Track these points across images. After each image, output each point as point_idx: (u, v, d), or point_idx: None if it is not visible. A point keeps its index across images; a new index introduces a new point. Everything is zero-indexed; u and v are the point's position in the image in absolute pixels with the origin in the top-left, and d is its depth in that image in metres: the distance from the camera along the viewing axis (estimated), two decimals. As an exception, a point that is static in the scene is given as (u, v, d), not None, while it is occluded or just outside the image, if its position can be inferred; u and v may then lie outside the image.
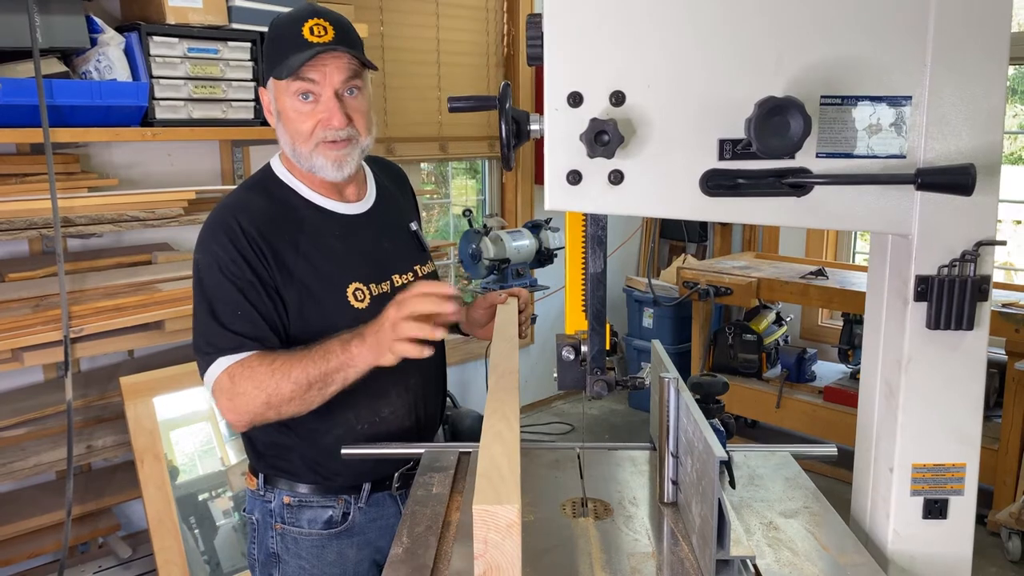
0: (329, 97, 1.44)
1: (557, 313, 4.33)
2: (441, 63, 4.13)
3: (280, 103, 1.47)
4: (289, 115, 1.46)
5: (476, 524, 0.89)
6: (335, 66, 1.44)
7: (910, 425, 1.14)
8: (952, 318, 1.08)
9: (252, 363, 1.39)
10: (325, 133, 1.45)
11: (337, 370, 1.37)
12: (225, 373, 1.40)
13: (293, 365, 1.37)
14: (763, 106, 0.97)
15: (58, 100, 2.30)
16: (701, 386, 1.42)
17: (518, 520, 0.89)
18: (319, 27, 1.43)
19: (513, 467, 0.97)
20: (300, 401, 1.38)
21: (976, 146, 1.05)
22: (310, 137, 1.46)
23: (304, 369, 1.36)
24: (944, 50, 1.03)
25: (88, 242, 2.69)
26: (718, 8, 1.02)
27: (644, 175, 1.05)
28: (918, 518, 1.17)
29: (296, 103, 1.45)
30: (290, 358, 1.38)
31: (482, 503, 0.89)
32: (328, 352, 1.38)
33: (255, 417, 1.41)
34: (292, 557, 1.55)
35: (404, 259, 1.63)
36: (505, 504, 0.89)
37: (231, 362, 1.40)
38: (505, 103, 1.06)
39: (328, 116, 1.44)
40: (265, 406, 1.38)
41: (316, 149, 1.46)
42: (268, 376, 1.37)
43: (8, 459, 2.41)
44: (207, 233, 1.47)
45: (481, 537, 0.89)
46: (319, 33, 1.42)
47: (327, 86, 1.44)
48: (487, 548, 0.89)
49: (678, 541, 1.20)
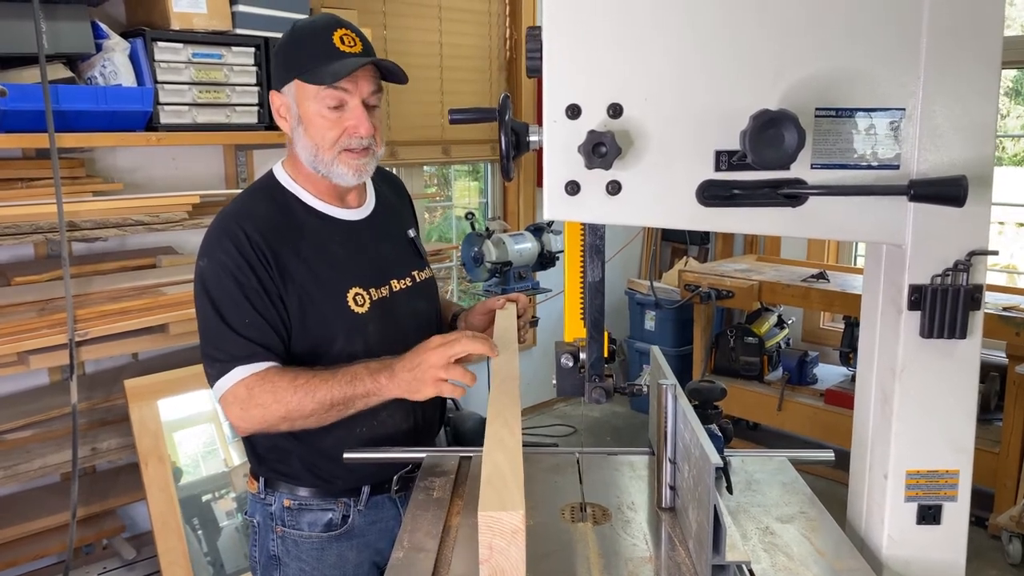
0: (357, 106, 1.47)
1: (559, 316, 4.33)
2: (444, 67, 4.14)
3: (304, 108, 1.49)
4: (315, 121, 1.48)
5: (481, 530, 0.91)
6: (366, 77, 1.47)
7: (904, 432, 1.16)
8: (945, 327, 1.10)
9: (272, 377, 1.42)
10: (350, 141, 1.48)
11: (363, 396, 1.42)
12: (242, 384, 1.42)
13: (318, 386, 1.40)
14: (758, 119, 0.98)
15: (64, 105, 2.32)
16: (699, 392, 1.43)
17: (523, 526, 0.90)
18: (348, 38, 1.46)
19: (516, 473, 0.99)
20: (318, 419, 1.43)
21: (968, 157, 1.07)
22: (334, 144, 1.48)
23: (330, 391, 1.40)
24: (937, 63, 1.05)
25: (93, 246, 2.71)
26: (714, 22, 1.04)
27: (641, 186, 1.06)
28: (912, 524, 1.18)
29: (324, 110, 1.47)
30: (314, 377, 1.41)
31: (487, 509, 0.91)
32: (355, 378, 1.41)
33: (266, 428, 1.45)
34: (293, 560, 1.57)
35: (403, 264, 1.65)
36: (510, 510, 0.91)
37: (248, 373, 1.42)
38: (505, 115, 1.07)
39: (356, 124, 1.47)
40: (281, 419, 1.42)
41: (338, 157, 1.49)
42: (291, 392, 1.40)
43: (14, 461, 2.43)
44: (212, 240, 1.48)
45: (486, 543, 0.91)
46: (349, 44, 1.46)
47: (356, 95, 1.47)
48: (492, 554, 0.91)
49: (675, 546, 1.22)
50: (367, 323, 1.52)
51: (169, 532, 2.58)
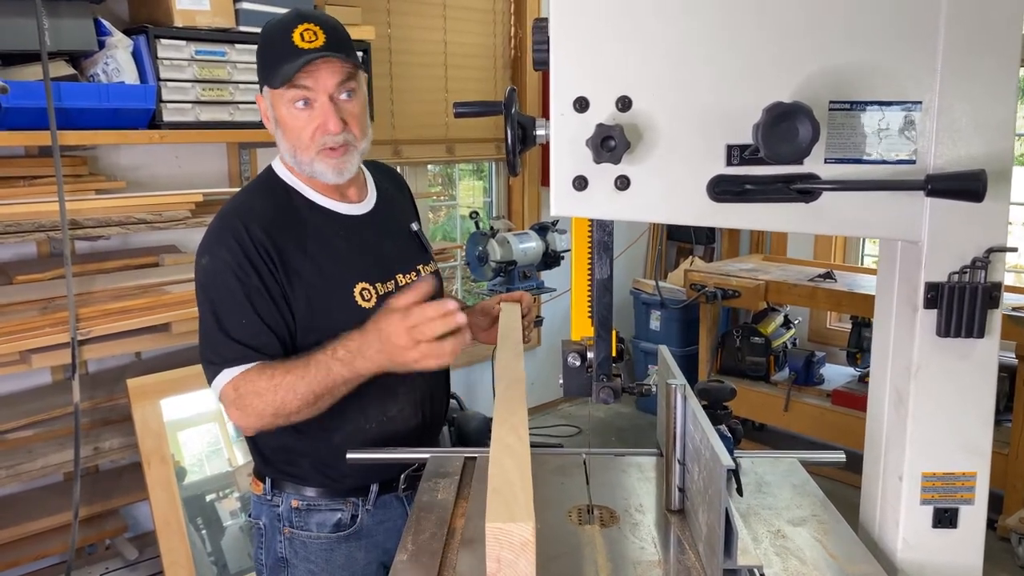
0: (324, 102, 1.44)
1: (564, 315, 4.31)
2: (448, 65, 4.13)
3: (277, 111, 1.47)
4: (287, 123, 1.46)
5: (489, 542, 0.86)
6: (328, 71, 1.43)
7: (920, 434, 1.13)
8: (963, 326, 1.07)
9: (253, 377, 1.40)
10: (324, 139, 1.45)
11: (342, 384, 1.39)
12: (230, 385, 1.41)
13: (295, 382, 1.38)
14: (771, 112, 0.96)
15: (66, 103, 2.30)
16: (708, 392, 1.41)
17: (532, 538, 0.86)
18: (309, 32, 1.42)
19: (525, 482, 0.95)
20: (310, 410, 1.40)
21: (986, 152, 1.04)
22: (310, 144, 1.46)
23: (308, 386, 1.38)
24: (955, 55, 1.02)
25: (95, 244, 2.69)
26: (726, 13, 1.01)
27: (651, 181, 1.04)
28: (928, 527, 1.16)
29: (292, 110, 1.45)
30: (288, 374, 1.38)
31: (495, 521, 0.86)
32: (328, 370, 1.38)
33: (265, 425, 1.43)
34: (301, 561, 1.55)
35: (407, 259, 1.63)
36: (519, 522, 0.86)
37: (234, 374, 1.41)
38: (511, 108, 1.05)
39: (324, 121, 1.44)
40: (274, 416, 1.40)
41: (317, 156, 1.47)
42: (271, 391, 1.38)
43: (16, 461, 2.42)
44: (213, 238, 1.47)
45: (494, 555, 0.86)
46: (309, 39, 1.42)
47: (321, 91, 1.44)
48: (500, 567, 0.86)
49: (685, 549, 1.19)
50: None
51: (172, 532, 2.57)
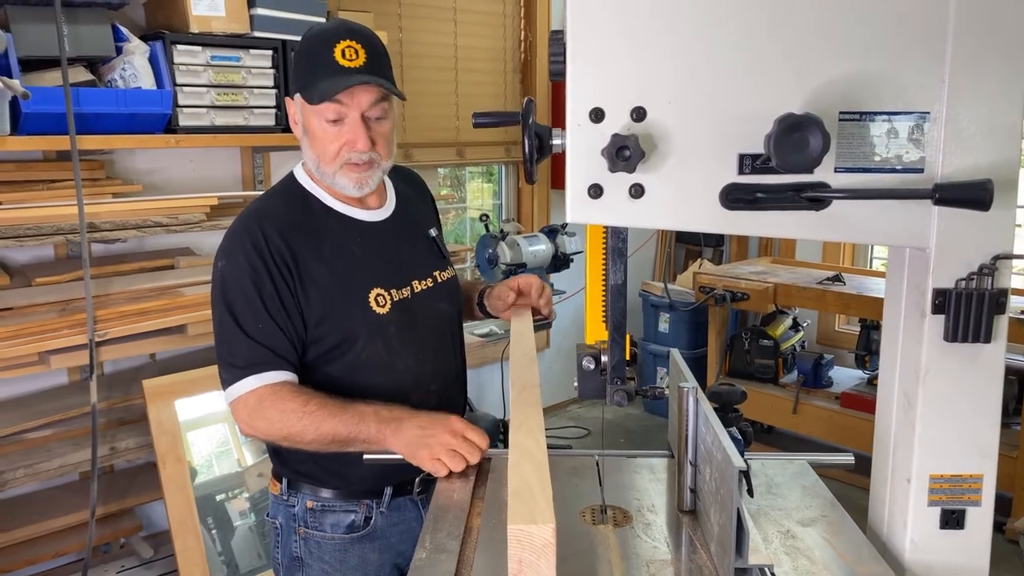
0: (355, 119, 1.46)
1: (573, 317, 4.34)
2: (459, 69, 4.16)
3: (307, 120, 1.50)
4: (316, 134, 1.49)
5: (511, 544, 0.88)
6: (364, 91, 1.45)
7: (928, 436, 1.15)
8: (970, 331, 1.09)
9: (285, 395, 1.43)
10: (350, 155, 1.48)
11: (363, 441, 1.43)
12: (254, 394, 1.43)
13: (325, 419, 1.41)
14: (782, 123, 0.98)
15: (84, 108, 2.34)
16: (720, 395, 1.43)
17: (554, 540, 0.88)
18: (351, 50, 1.44)
19: (544, 485, 0.97)
20: (318, 447, 1.45)
21: (993, 161, 1.06)
22: (335, 158, 1.49)
23: (334, 428, 1.41)
24: (962, 65, 1.04)
25: (112, 247, 2.73)
26: (738, 25, 1.04)
27: (664, 189, 1.06)
28: (935, 528, 1.18)
29: (323, 124, 1.47)
30: (322, 408, 1.42)
31: (516, 523, 0.88)
32: (362, 421, 1.42)
33: (267, 440, 1.48)
34: (315, 561, 1.58)
35: (424, 265, 1.65)
36: (540, 524, 0.88)
37: (261, 383, 1.43)
38: (528, 119, 1.08)
39: (353, 139, 1.46)
40: (282, 438, 1.45)
41: (340, 170, 1.49)
42: (297, 417, 1.41)
43: (34, 460, 2.46)
44: (232, 240, 1.49)
45: (516, 557, 0.88)
46: (351, 56, 1.43)
47: (354, 108, 1.46)
48: (522, 568, 0.88)
49: (696, 549, 1.22)
50: (388, 324, 1.53)
51: (186, 531, 2.60)
